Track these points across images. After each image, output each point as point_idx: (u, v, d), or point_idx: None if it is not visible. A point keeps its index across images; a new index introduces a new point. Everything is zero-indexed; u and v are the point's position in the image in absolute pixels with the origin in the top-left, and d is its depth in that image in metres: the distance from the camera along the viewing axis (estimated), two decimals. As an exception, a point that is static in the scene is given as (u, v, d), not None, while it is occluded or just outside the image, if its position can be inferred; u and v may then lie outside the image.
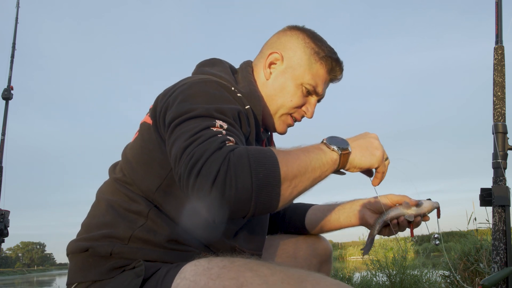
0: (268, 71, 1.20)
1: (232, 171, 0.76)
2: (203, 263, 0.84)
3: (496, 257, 1.47)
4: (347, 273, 4.81)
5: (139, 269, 0.92)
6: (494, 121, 1.55)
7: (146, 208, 1.01)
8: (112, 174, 1.13)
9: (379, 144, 0.99)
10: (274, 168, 0.80)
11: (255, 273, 0.80)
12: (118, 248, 0.97)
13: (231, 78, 1.14)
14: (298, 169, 0.84)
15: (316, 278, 0.81)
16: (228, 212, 0.78)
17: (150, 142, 1.04)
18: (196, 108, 0.92)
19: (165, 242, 0.99)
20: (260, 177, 0.78)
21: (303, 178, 0.85)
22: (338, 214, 1.35)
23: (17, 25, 3.33)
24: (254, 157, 0.79)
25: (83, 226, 1.09)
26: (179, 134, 0.89)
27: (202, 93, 0.97)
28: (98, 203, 1.10)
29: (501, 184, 1.49)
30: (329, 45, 1.21)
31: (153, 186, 1.02)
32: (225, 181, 0.75)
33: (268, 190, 0.79)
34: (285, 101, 1.18)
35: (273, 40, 1.24)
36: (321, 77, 1.19)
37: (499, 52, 1.60)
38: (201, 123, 0.88)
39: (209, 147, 0.81)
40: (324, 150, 0.91)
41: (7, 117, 3.10)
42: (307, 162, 0.86)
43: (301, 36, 1.20)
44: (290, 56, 1.19)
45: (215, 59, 1.25)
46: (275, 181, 0.79)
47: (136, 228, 0.99)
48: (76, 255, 1.03)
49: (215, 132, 0.85)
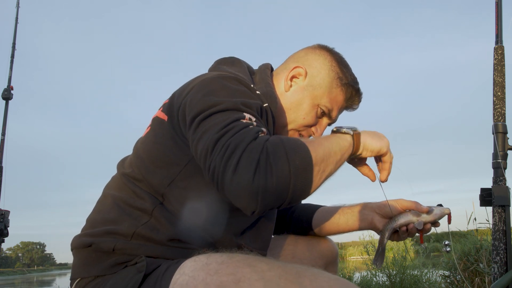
0: (288, 83, 1.20)
1: (271, 159, 0.79)
2: (202, 258, 0.85)
3: (496, 257, 1.47)
4: (347, 273, 4.81)
5: (141, 265, 0.93)
6: (494, 121, 1.55)
7: (151, 205, 1.01)
8: (121, 168, 1.13)
9: (385, 136, 1.06)
10: (307, 154, 0.84)
11: (252, 269, 0.80)
12: (120, 244, 0.98)
13: (249, 79, 1.15)
14: (323, 153, 0.89)
15: (314, 273, 0.81)
16: (269, 200, 0.79)
17: (162, 137, 1.04)
18: (221, 101, 0.91)
19: (167, 241, 0.99)
20: (296, 164, 0.81)
21: (328, 162, 0.90)
22: (346, 217, 1.35)
23: (17, 25, 3.34)
24: (289, 145, 0.83)
25: (88, 221, 1.10)
26: (207, 127, 0.88)
27: (224, 87, 0.97)
28: (105, 198, 1.11)
29: (501, 184, 1.49)
30: (353, 73, 1.22)
31: (165, 181, 1.02)
32: (266, 170, 0.78)
33: (304, 176, 0.82)
34: (298, 117, 1.18)
35: (301, 55, 1.24)
36: (338, 102, 1.20)
37: (499, 52, 1.60)
38: (230, 115, 0.88)
39: (245, 137, 0.82)
40: (338, 135, 0.98)
41: (7, 117, 3.11)
42: (329, 146, 0.92)
43: (328, 58, 1.21)
44: (314, 74, 1.19)
45: (234, 58, 1.24)
46: (310, 166, 0.83)
47: (139, 225, 1.00)
48: (80, 250, 1.04)
49: (246, 124, 0.86)
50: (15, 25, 3.33)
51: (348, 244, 13.35)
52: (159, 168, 1.03)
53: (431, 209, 1.19)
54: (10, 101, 3.12)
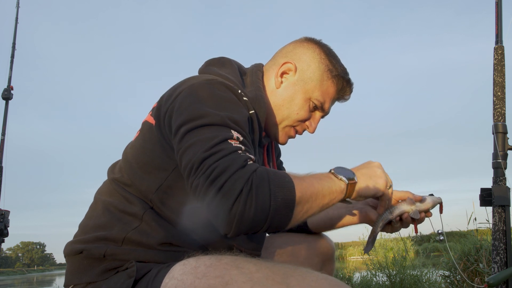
0: (279, 80, 1.19)
1: (253, 192, 0.80)
2: (191, 262, 0.85)
3: (496, 257, 1.47)
4: (347, 273, 4.81)
5: (131, 270, 0.94)
6: (494, 121, 1.55)
7: (141, 210, 1.01)
8: (111, 174, 1.13)
9: (382, 172, 1.05)
10: (291, 193, 0.84)
11: (240, 271, 0.81)
12: (111, 250, 0.98)
13: (239, 81, 1.13)
14: (310, 195, 0.89)
15: (302, 273, 0.82)
16: (243, 229, 0.82)
17: (151, 143, 1.04)
18: (208, 113, 0.91)
19: (158, 245, 0.99)
20: (278, 201, 0.82)
21: (313, 204, 0.90)
22: (340, 211, 1.35)
23: (17, 25, 3.34)
24: (274, 180, 0.84)
25: (80, 227, 1.10)
26: (193, 141, 0.88)
27: (211, 96, 0.96)
28: (95, 204, 1.11)
29: (501, 184, 1.49)
30: (342, 64, 1.21)
31: (153, 187, 1.02)
32: (246, 201, 0.79)
33: (283, 213, 0.84)
34: (291, 113, 1.18)
35: (289, 49, 1.23)
36: (330, 94, 1.19)
37: (499, 52, 1.60)
38: (218, 133, 0.88)
39: (232, 163, 0.83)
40: (333, 179, 0.96)
41: (7, 117, 3.11)
42: (319, 189, 0.91)
43: (317, 50, 1.19)
44: (304, 69, 1.18)
45: (225, 58, 1.23)
46: (291, 205, 0.84)
47: (130, 230, 1.00)
48: (72, 257, 1.04)
49: (235, 148, 0.86)
50: (15, 25, 3.33)
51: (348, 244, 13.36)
52: (147, 173, 1.03)
53: (424, 198, 1.18)
54: (10, 101, 3.12)
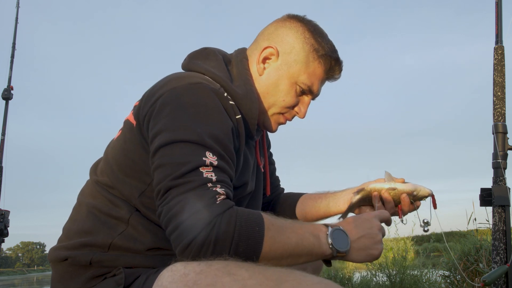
0: (261, 67, 1.11)
1: (212, 239, 0.77)
2: (179, 268, 0.79)
3: (496, 257, 1.47)
4: (347, 273, 4.81)
5: (119, 277, 0.91)
6: (494, 121, 1.55)
7: (127, 213, 0.98)
8: (93, 175, 1.08)
9: (380, 239, 0.96)
10: (256, 247, 0.80)
11: (232, 278, 0.76)
12: (97, 257, 0.95)
13: (225, 75, 1.07)
14: (281, 252, 0.83)
15: (297, 278, 0.78)
16: (196, 259, 0.79)
17: (132, 144, 0.99)
18: (186, 127, 0.87)
19: (146, 250, 0.97)
20: (238, 251, 0.79)
21: (281, 261, 0.84)
22: (327, 201, 1.32)
23: (17, 25, 3.34)
24: (241, 228, 0.79)
25: (63, 230, 1.06)
26: (164, 162, 0.85)
27: (193, 104, 0.91)
28: (79, 206, 1.06)
29: (501, 184, 1.49)
30: (330, 41, 1.13)
31: (135, 192, 0.98)
32: (202, 248, 0.77)
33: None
34: (277, 100, 1.11)
35: (270, 31, 1.14)
36: (317, 76, 1.11)
37: (499, 52, 1.60)
38: (191, 157, 0.84)
39: (197, 201, 0.79)
40: (321, 241, 0.89)
41: (7, 117, 3.11)
42: (295, 248, 0.85)
43: (300, 29, 1.11)
44: (287, 51, 1.10)
45: (208, 49, 1.15)
46: (252, 258, 0.80)
47: (116, 235, 0.97)
48: (57, 264, 1.01)
49: (205, 180, 0.82)
50: (15, 25, 3.32)
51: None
52: (129, 177, 0.99)
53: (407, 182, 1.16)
54: (10, 101, 3.12)
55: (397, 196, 1.14)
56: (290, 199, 1.41)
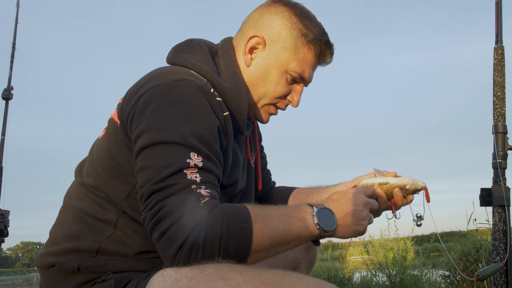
0: (248, 57, 1.06)
1: (201, 242, 0.74)
2: (171, 273, 0.76)
3: (496, 257, 1.47)
4: (347, 273, 4.80)
5: (109, 283, 0.89)
6: (494, 121, 1.55)
7: (115, 216, 0.95)
8: (79, 177, 1.05)
9: (366, 215, 0.95)
10: (246, 243, 0.78)
11: (227, 283, 0.73)
12: (85, 263, 0.93)
13: (212, 68, 1.02)
14: (270, 242, 0.81)
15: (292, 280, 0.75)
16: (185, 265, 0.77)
17: (117, 145, 0.96)
18: (169, 128, 0.84)
19: (135, 255, 0.94)
20: (229, 250, 0.77)
21: (272, 251, 0.83)
22: (320, 195, 1.30)
23: (17, 25, 3.33)
24: (229, 226, 0.77)
25: (50, 235, 1.03)
26: (146, 164, 0.82)
27: (177, 102, 0.87)
28: (65, 209, 1.03)
29: (501, 184, 1.49)
30: (319, 24, 1.07)
31: (121, 194, 0.95)
32: (192, 251, 0.75)
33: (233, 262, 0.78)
34: (268, 90, 1.06)
35: (255, 18, 1.08)
36: (308, 62, 1.05)
37: (499, 52, 1.60)
38: (174, 159, 0.81)
39: (181, 205, 0.76)
40: (308, 223, 0.87)
41: (7, 117, 3.10)
42: (283, 236, 0.83)
43: (287, 14, 1.05)
44: (274, 39, 1.04)
45: (193, 41, 1.09)
46: (244, 254, 0.79)
47: (104, 239, 0.94)
48: (44, 270, 0.99)
49: (189, 182, 0.79)
50: (15, 25, 3.32)
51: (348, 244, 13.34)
52: (114, 179, 0.96)
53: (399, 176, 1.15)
54: (10, 101, 3.12)
55: (389, 190, 1.13)
56: (282, 194, 1.39)
